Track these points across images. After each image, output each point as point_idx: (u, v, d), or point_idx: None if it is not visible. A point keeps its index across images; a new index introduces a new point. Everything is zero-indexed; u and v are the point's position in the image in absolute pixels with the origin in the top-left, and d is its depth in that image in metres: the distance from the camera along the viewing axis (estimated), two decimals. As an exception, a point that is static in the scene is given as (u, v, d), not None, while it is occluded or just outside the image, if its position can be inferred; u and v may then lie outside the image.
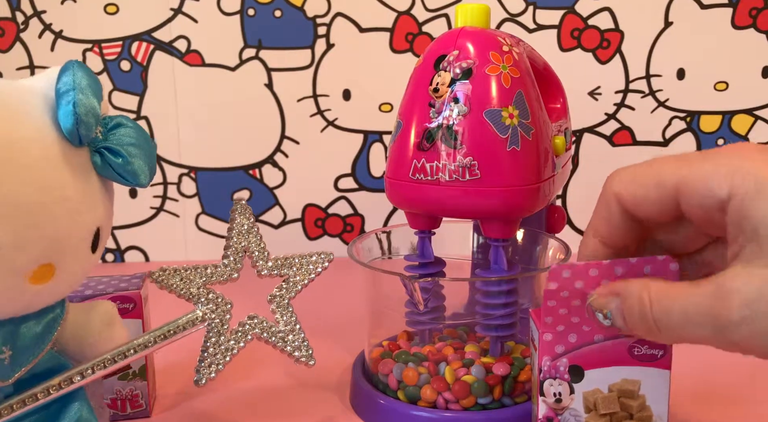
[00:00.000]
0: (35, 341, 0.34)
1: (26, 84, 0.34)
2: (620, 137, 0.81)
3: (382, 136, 0.81)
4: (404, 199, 0.46)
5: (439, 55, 0.44)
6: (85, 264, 0.34)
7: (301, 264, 0.42)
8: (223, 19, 0.78)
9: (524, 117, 0.43)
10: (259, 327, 0.40)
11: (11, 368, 0.34)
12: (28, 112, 0.32)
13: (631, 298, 0.31)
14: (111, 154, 0.34)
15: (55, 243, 0.32)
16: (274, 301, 0.42)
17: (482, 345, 0.47)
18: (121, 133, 0.35)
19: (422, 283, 0.44)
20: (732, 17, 0.78)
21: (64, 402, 0.36)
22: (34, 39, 0.77)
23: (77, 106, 0.32)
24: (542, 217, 0.57)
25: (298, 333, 0.41)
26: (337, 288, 0.57)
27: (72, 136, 0.32)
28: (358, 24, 0.78)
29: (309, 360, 0.41)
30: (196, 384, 0.39)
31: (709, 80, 0.80)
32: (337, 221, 0.83)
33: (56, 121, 0.32)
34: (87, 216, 0.33)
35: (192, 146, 0.80)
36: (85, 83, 0.33)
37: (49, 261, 0.32)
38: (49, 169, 0.32)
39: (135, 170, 0.34)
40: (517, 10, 0.78)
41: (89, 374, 0.36)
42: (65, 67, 0.33)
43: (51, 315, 0.35)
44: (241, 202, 0.42)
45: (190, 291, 0.39)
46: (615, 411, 0.37)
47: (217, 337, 0.39)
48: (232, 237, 0.41)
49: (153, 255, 0.84)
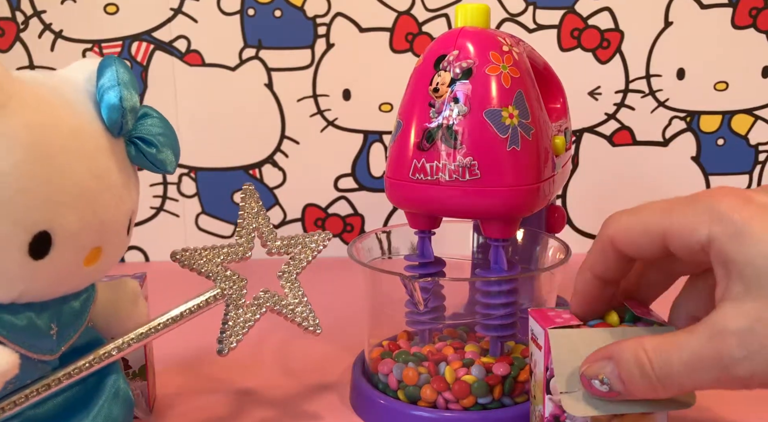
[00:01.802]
0: (75, 318, 0.37)
1: (66, 76, 0.36)
2: (620, 137, 0.81)
3: (382, 136, 0.81)
4: (404, 199, 0.46)
5: (439, 55, 0.44)
6: (122, 246, 0.38)
7: (305, 243, 0.46)
8: (223, 19, 0.78)
9: (524, 117, 0.43)
10: (272, 301, 0.43)
11: (58, 343, 0.36)
12: (80, 104, 0.35)
13: (627, 361, 0.31)
14: (144, 144, 0.37)
15: (105, 228, 0.35)
16: (283, 277, 0.45)
17: (482, 345, 0.47)
18: (149, 123, 0.37)
19: (422, 283, 0.44)
20: (732, 17, 0.78)
21: (100, 375, 0.39)
22: (34, 39, 0.77)
23: (123, 101, 0.35)
24: (542, 217, 0.57)
25: (306, 306, 0.44)
26: (337, 288, 0.57)
27: (115, 127, 0.35)
28: (358, 24, 0.78)
29: (316, 328, 0.44)
30: (220, 354, 0.41)
31: (709, 80, 0.80)
32: (337, 221, 0.83)
33: (98, 113, 0.35)
34: (127, 202, 0.36)
35: (192, 146, 0.80)
36: (128, 78, 0.36)
37: (99, 244, 0.35)
38: (102, 158, 0.35)
39: (164, 159, 0.37)
40: (517, 10, 0.78)
41: (125, 348, 0.39)
42: (107, 63, 0.36)
43: (85, 293, 0.38)
44: (249, 187, 0.45)
45: (209, 269, 0.42)
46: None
47: (236, 310, 0.42)
48: (245, 219, 0.44)
49: (153, 255, 0.84)
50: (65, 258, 0.33)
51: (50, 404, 0.37)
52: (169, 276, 0.45)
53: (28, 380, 0.36)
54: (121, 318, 0.41)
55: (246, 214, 0.44)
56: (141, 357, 0.46)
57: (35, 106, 0.32)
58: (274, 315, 0.44)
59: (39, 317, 0.35)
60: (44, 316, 0.35)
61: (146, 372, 0.47)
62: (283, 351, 0.57)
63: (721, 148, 0.81)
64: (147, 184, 0.81)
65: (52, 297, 0.35)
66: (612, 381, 0.32)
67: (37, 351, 0.35)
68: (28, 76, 0.34)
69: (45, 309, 0.35)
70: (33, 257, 0.32)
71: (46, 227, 0.32)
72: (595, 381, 0.33)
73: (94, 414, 0.37)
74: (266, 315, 0.43)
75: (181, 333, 0.54)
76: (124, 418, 0.38)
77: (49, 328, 0.35)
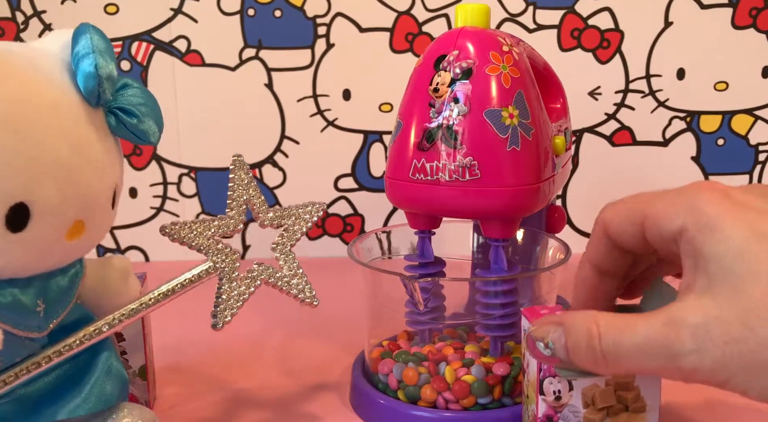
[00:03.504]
0: (63, 294, 0.36)
1: (40, 47, 0.36)
2: (620, 137, 0.81)
3: (382, 136, 0.81)
4: (404, 199, 0.46)
5: (439, 55, 0.44)
6: (107, 221, 0.37)
7: (298, 214, 0.44)
8: (223, 19, 0.78)
9: (524, 117, 0.43)
10: (266, 273, 0.42)
11: (45, 320, 0.36)
12: (55, 74, 0.34)
13: (577, 331, 0.31)
14: (125, 114, 0.36)
15: (87, 201, 0.34)
16: (277, 249, 0.44)
17: (482, 345, 0.47)
18: (129, 93, 0.36)
19: (422, 283, 0.44)
20: (732, 17, 0.78)
21: (92, 352, 0.38)
22: (34, 39, 0.77)
23: (99, 69, 0.34)
24: (542, 217, 0.57)
25: (302, 277, 0.43)
26: (337, 288, 0.57)
27: (92, 97, 0.34)
28: (358, 24, 0.78)
29: (313, 300, 0.42)
30: (214, 328, 0.40)
31: (709, 80, 0.80)
32: (337, 221, 0.83)
33: (75, 83, 0.34)
34: (109, 174, 0.36)
35: (192, 146, 0.80)
36: (103, 46, 0.35)
37: (82, 217, 0.34)
38: (79, 130, 0.34)
39: (146, 129, 0.36)
40: (517, 10, 0.78)
41: (116, 323, 0.38)
42: (81, 30, 0.35)
43: (73, 270, 0.37)
44: (238, 158, 0.43)
45: (200, 242, 0.41)
46: (612, 404, 0.38)
47: (229, 284, 0.41)
48: (235, 191, 0.43)
49: (153, 255, 0.84)
50: (45, 231, 0.33)
51: (41, 382, 0.36)
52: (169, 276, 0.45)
53: (17, 358, 0.35)
54: (111, 295, 0.40)
55: (236, 186, 0.43)
56: (141, 357, 0.46)
57: (8, 78, 0.32)
58: (275, 306, 0.42)
59: (23, 293, 0.34)
60: (29, 293, 0.34)
61: (146, 372, 0.47)
62: (283, 351, 0.57)
63: (721, 148, 0.81)
64: (147, 184, 0.82)
65: (36, 273, 0.35)
66: (556, 348, 0.32)
67: (23, 328, 0.35)
68: (1, 47, 0.34)
69: (30, 286, 0.34)
70: (11, 230, 0.32)
71: (23, 199, 0.31)
72: (540, 343, 0.33)
73: (87, 391, 0.37)
74: (268, 312, 0.42)
75: (182, 333, 0.54)
76: (118, 395, 0.38)
77: (36, 305, 0.35)
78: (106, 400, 0.37)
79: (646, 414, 0.39)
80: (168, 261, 0.82)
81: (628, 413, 0.38)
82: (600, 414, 0.38)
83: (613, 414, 0.38)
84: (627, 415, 0.38)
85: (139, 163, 0.80)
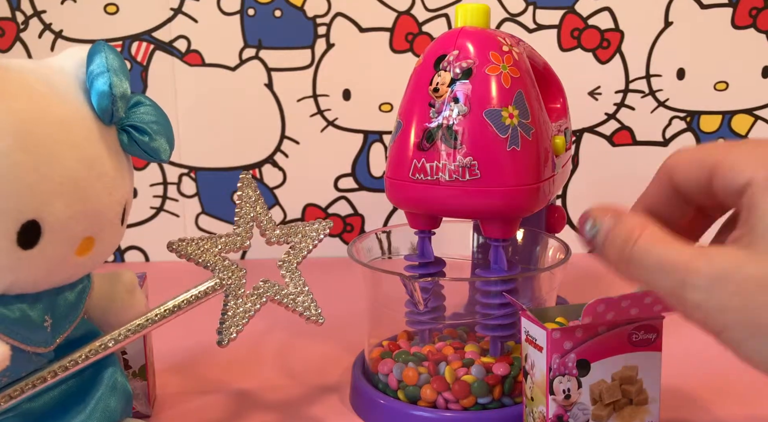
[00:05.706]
0: (70, 310, 0.37)
1: (56, 64, 0.36)
2: (620, 137, 0.81)
3: (382, 136, 0.81)
4: (404, 199, 0.46)
5: (439, 55, 0.44)
6: (117, 237, 0.37)
7: (305, 231, 0.45)
8: (223, 19, 0.78)
9: (524, 117, 0.43)
10: (272, 290, 0.42)
11: (52, 335, 0.36)
12: (69, 92, 0.34)
13: (624, 226, 0.31)
14: (137, 132, 0.36)
15: (97, 217, 0.34)
16: (283, 266, 0.44)
17: (482, 345, 0.47)
18: (142, 111, 0.36)
19: (422, 283, 0.44)
20: (732, 17, 0.78)
21: (97, 368, 0.38)
22: (34, 39, 0.77)
23: (113, 88, 0.34)
24: (542, 217, 0.57)
25: (307, 295, 0.43)
26: (337, 288, 0.57)
27: (105, 115, 0.34)
28: (358, 24, 0.78)
29: (318, 318, 0.42)
30: (219, 345, 0.41)
31: (709, 80, 0.80)
32: (337, 221, 0.83)
33: (89, 101, 0.35)
34: (120, 191, 0.36)
35: (192, 146, 0.80)
36: (117, 65, 0.35)
37: (91, 234, 0.34)
38: (91, 147, 0.34)
39: (158, 147, 0.37)
40: (517, 10, 0.78)
41: (122, 339, 0.38)
42: (96, 49, 0.35)
43: (80, 285, 0.37)
44: (246, 176, 0.44)
45: (207, 258, 0.42)
46: (618, 398, 0.39)
47: (235, 301, 0.42)
48: (242, 208, 0.43)
49: (153, 255, 0.84)
50: (56, 247, 0.33)
51: (46, 397, 0.37)
52: (169, 276, 0.45)
53: (23, 373, 0.35)
54: (117, 310, 0.40)
55: (244, 203, 0.43)
56: (141, 357, 0.46)
57: (22, 95, 0.32)
58: (275, 306, 0.43)
59: (32, 309, 0.34)
60: (37, 308, 0.35)
61: (146, 372, 0.47)
62: (283, 351, 0.58)
63: (721, 148, 0.81)
64: (147, 184, 0.82)
65: (45, 289, 0.35)
66: (600, 231, 0.32)
67: (31, 343, 0.35)
68: (16, 64, 0.34)
69: (38, 301, 0.35)
70: (22, 247, 0.32)
71: (35, 216, 0.32)
72: (590, 221, 0.33)
73: (92, 406, 0.37)
74: (267, 311, 0.43)
75: (181, 333, 0.54)
76: (122, 411, 0.38)
77: (43, 320, 0.35)
78: (110, 416, 0.37)
79: (648, 406, 0.39)
80: (168, 261, 0.82)
81: (632, 406, 0.39)
82: (607, 410, 0.39)
83: (619, 409, 0.39)
84: (631, 408, 0.39)
85: (139, 163, 0.80)
